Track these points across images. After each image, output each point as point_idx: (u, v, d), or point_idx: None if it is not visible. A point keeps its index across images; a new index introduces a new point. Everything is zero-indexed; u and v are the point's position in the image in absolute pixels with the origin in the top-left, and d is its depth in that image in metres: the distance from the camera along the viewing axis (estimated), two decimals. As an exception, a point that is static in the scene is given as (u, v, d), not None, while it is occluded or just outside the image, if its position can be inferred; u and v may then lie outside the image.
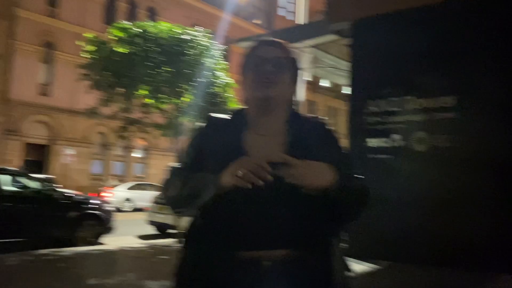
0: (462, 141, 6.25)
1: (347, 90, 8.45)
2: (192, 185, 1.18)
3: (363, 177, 1.35)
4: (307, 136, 1.26)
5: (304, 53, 10.37)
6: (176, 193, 1.23)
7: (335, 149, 1.32)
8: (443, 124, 6.47)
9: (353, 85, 7.60)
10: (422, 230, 6.31)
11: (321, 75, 15.97)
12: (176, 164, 1.30)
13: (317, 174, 1.13)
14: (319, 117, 1.38)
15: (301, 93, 11.75)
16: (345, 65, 9.13)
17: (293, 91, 1.31)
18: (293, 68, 1.30)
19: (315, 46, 9.61)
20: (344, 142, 1.38)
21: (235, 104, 8.84)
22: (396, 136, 6.89)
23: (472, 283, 5.16)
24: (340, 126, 10.26)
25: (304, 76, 12.44)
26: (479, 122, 6.17)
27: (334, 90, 29.60)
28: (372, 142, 7.06)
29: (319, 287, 1.17)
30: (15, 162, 19.04)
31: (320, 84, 28.01)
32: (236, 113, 1.34)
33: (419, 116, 6.66)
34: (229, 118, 1.32)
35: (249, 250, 1.15)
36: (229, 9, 24.87)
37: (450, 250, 5.98)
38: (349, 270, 1.26)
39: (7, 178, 8.05)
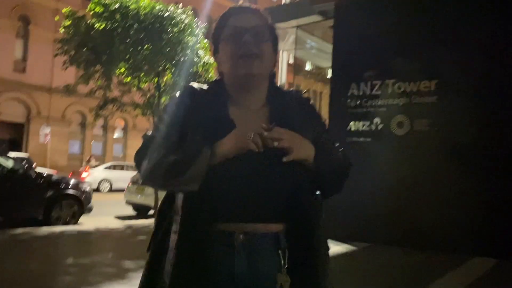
0: (441, 125, 6.34)
1: (330, 74, 8.43)
2: (183, 156, 1.09)
3: (342, 149, 1.31)
4: (289, 109, 1.21)
5: (288, 33, 10.28)
6: (161, 165, 1.12)
7: (317, 122, 1.27)
8: (423, 108, 6.54)
9: (335, 68, 7.60)
10: (400, 212, 6.42)
11: (305, 57, 15.93)
12: (155, 134, 1.19)
13: (301, 145, 1.13)
14: (299, 91, 1.33)
15: (283, 76, 11.72)
16: (328, 47, 9.09)
17: (274, 62, 1.24)
18: (272, 36, 1.23)
19: (299, 27, 9.53)
20: (326, 125, 1.34)
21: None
22: (376, 120, 6.94)
23: (446, 265, 5.28)
24: (323, 110, 10.26)
25: (287, 58, 12.38)
26: (458, 106, 6.25)
27: (318, 73, 29.59)
28: (353, 125, 7.10)
29: (300, 263, 1.12)
30: (-10, 140, 18.58)
31: (304, 67, 27.94)
32: (215, 85, 1.26)
33: (399, 100, 6.71)
34: (210, 90, 1.24)
35: (229, 222, 1.11)
36: (212, -12, 24.45)
37: (426, 233, 6.11)
38: (328, 248, 1.23)
39: (-21, 156, 7.84)
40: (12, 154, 11.60)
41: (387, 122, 6.76)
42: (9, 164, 7.97)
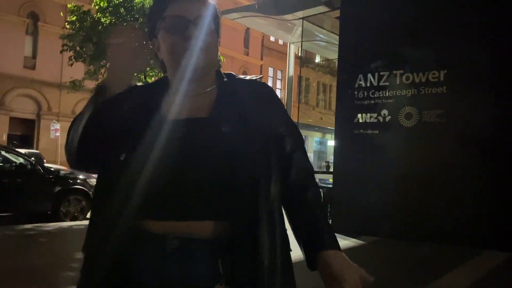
0: (451, 116, 6.21)
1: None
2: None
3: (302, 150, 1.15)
4: (239, 95, 1.09)
5: (295, 26, 10.18)
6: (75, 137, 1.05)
7: (274, 112, 1.13)
8: (432, 99, 6.41)
9: (341, 59, 7.48)
10: (408, 205, 6.32)
11: (313, 50, 15.78)
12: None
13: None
14: (256, 76, 1.20)
15: (291, 69, 11.64)
16: (336, 39, 8.96)
17: (217, 49, 1.13)
18: (217, 25, 1.12)
19: (306, 18, 9.42)
20: (286, 116, 1.18)
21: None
22: (384, 111, 6.83)
23: (456, 258, 5.19)
24: (333, 103, 10.15)
25: (295, 50, 12.26)
26: (468, 96, 6.11)
27: (327, 66, 29.38)
28: (360, 117, 7.00)
29: (242, 273, 0.96)
30: (1, 137, 18.78)
31: (312, 59, 27.74)
32: (158, 80, 1.18)
33: (408, 91, 6.58)
34: (150, 84, 1.17)
35: (157, 219, 0.97)
36: (220, -19, 24.29)
37: (436, 226, 6.01)
38: (288, 249, 1.07)
39: (-11, 152, 7.91)
40: (22, 150, 11.72)
41: (395, 113, 6.64)
42: (19, 160, 8.04)
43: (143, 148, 1.00)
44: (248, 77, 1.18)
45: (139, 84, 1.15)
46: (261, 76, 1.21)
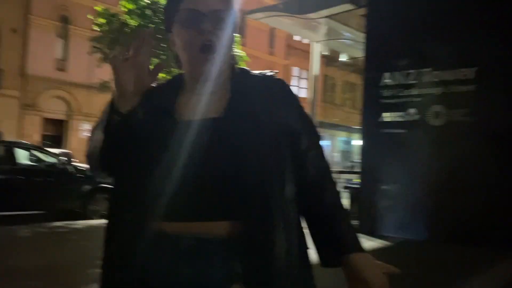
0: (481, 115, 6.03)
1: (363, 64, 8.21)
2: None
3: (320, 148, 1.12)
4: (253, 93, 1.06)
5: (319, 24, 10.10)
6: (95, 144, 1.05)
7: (289, 108, 1.09)
8: (461, 98, 6.24)
9: (368, 57, 7.37)
10: (437, 206, 6.17)
11: (339, 48, 15.62)
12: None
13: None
14: (271, 72, 1.16)
15: (316, 68, 11.57)
16: (362, 37, 8.85)
17: (233, 45, 1.11)
18: (233, 20, 1.09)
19: (331, 17, 9.33)
20: (303, 111, 1.14)
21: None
22: (411, 110, 6.69)
23: (487, 260, 5.03)
24: (359, 102, 10.01)
25: (320, 49, 12.16)
26: (499, 95, 5.92)
27: (353, 64, 29.05)
28: (387, 116, 6.88)
29: (256, 272, 0.95)
30: (34, 137, 19.36)
31: (338, 58, 27.48)
32: (173, 78, 1.17)
33: (436, 89, 6.43)
34: (164, 84, 1.15)
35: (170, 221, 0.98)
36: (245, -19, 24.34)
37: (465, 227, 5.84)
38: (306, 250, 1.05)
39: (23, 152, 8.19)
40: (54, 149, 12.07)
41: (423, 112, 6.50)
42: (50, 159, 8.29)
43: (159, 152, 1.00)
44: (263, 73, 1.15)
45: (152, 85, 1.13)
46: (276, 71, 1.18)
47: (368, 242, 6.00)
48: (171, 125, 1.02)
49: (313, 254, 1.06)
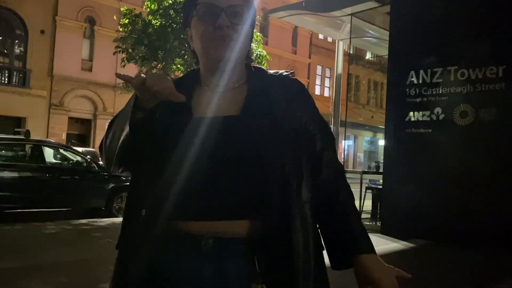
0: (509, 114, 5.84)
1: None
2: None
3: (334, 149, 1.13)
4: (271, 92, 1.06)
5: (343, 22, 9.98)
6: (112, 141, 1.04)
7: (305, 109, 1.10)
8: (489, 97, 6.05)
9: (392, 55, 7.24)
10: (462, 208, 6.01)
11: (363, 47, 15.43)
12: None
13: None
14: (287, 71, 1.16)
15: (339, 66, 11.44)
16: (387, 35, 8.71)
17: (250, 43, 1.11)
18: (251, 16, 1.09)
19: (355, 14, 9.22)
20: (317, 113, 1.16)
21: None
22: (437, 109, 6.54)
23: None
24: (384, 101, 9.84)
25: (344, 47, 12.03)
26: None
27: (377, 63, 28.65)
28: (412, 115, 6.75)
29: (277, 271, 0.95)
30: (61, 136, 19.82)
31: (362, 56, 27.16)
32: (189, 73, 1.17)
33: (463, 87, 6.26)
34: (181, 79, 1.15)
35: (191, 220, 0.97)
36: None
37: (492, 230, 5.67)
38: (321, 250, 1.06)
39: (51, 150, 8.39)
40: (80, 148, 12.33)
41: (449, 111, 6.34)
42: (76, 157, 8.47)
43: (176, 149, 1.00)
44: (279, 72, 1.15)
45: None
46: (292, 71, 1.18)
47: (390, 244, 5.90)
48: (189, 121, 1.02)
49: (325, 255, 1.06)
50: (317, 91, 31.98)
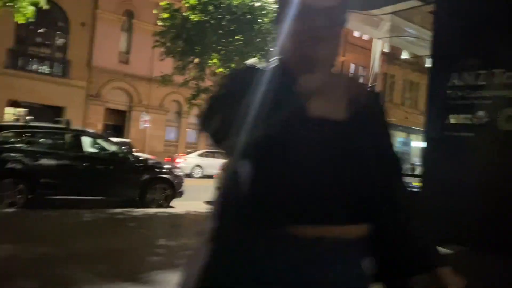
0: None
1: (429, 63, 7.85)
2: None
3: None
4: (366, 102, 1.07)
5: (382, 20, 9.77)
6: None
7: (385, 124, 1.14)
8: (537, 101, 5.79)
9: (435, 56, 7.02)
10: (502, 216, 5.79)
11: (401, 46, 15.08)
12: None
13: None
14: (370, 84, 1.17)
15: (376, 65, 11.24)
16: (428, 34, 8.48)
17: (340, 45, 1.09)
18: (344, 18, 1.07)
19: (395, 13, 8.99)
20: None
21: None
22: (480, 113, 6.31)
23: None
24: (420, 101, 9.60)
25: (381, 46, 11.79)
26: None
27: (415, 63, 27.97)
28: (454, 118, 6.53)
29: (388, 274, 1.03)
30: (97, 126, 20.34)
31: (399, 55, 26.55)
32: (276, 64, 1.10)
33: (509, 91, 6.01)
34: (270, 69, 1.08)
35: (299, 224, 0.96)
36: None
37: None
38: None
39: (88, 140, 8.60)
40: (115, 139, 12.61)
41: (493, 115, 6.10)
42: (112, 148, 8.65)
43: (283, 150, 0.98)
44: (364, 83, 1.22)
45: (257, 66, 1.10)
46: (375, 84, 1.17)
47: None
48: (292, 122, 0.99)
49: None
50: (351, 90, 31.47)
